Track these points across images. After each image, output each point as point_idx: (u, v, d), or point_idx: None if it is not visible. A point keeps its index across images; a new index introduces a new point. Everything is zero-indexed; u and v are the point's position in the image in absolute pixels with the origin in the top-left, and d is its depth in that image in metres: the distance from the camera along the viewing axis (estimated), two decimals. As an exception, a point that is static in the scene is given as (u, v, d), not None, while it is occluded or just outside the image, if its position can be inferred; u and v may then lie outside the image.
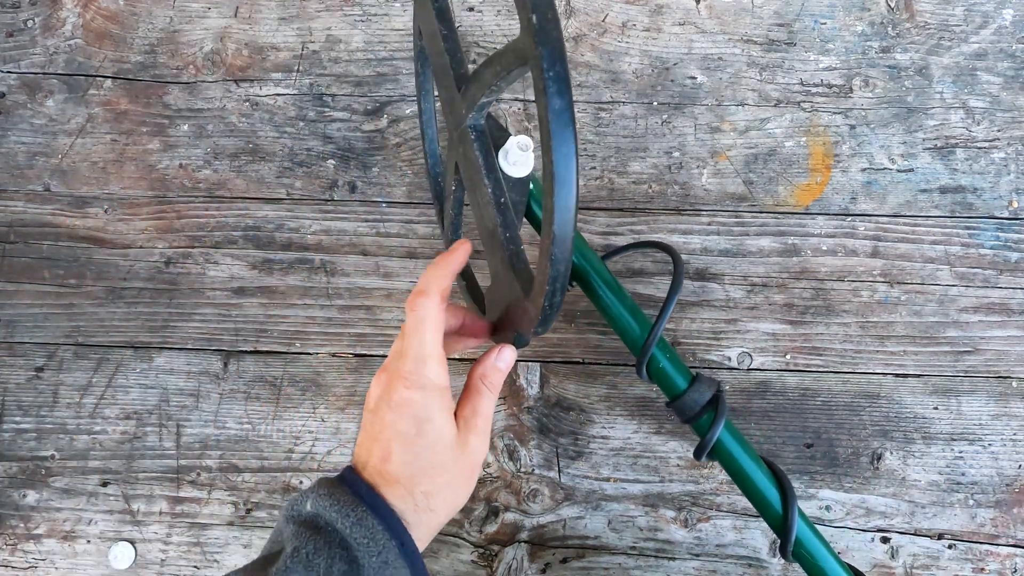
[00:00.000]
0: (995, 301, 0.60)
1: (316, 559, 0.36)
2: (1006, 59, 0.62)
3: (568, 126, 0.29)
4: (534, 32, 0.29)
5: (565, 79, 0.29)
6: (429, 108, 0.52)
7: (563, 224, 0.30)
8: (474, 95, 0.38)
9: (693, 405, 0.46)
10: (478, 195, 0.41)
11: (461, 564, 0.59)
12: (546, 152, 0.29)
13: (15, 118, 0.65)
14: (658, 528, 0.58)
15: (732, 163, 0.62)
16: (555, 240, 0.30)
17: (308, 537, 0.36)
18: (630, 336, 0.47)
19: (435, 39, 0.43)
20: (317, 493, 0.38)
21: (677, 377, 0.47)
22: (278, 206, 0.63)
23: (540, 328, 0.36)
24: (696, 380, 0.46)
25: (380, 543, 0.36)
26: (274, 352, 0.62)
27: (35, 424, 0.62)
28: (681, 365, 0.47)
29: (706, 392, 0.46)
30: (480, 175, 0.40)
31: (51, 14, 0.66)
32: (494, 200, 0.39)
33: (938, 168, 0.61)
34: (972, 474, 0.58)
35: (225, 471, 0.60)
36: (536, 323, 0.35)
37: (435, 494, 0.39)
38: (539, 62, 0.29)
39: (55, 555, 0.60)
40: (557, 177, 0.29)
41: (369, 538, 0.36)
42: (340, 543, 0.36)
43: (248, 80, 0.65)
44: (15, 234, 0.64)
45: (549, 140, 0.29)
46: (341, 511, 0.37)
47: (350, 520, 0.36)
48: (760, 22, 0.64)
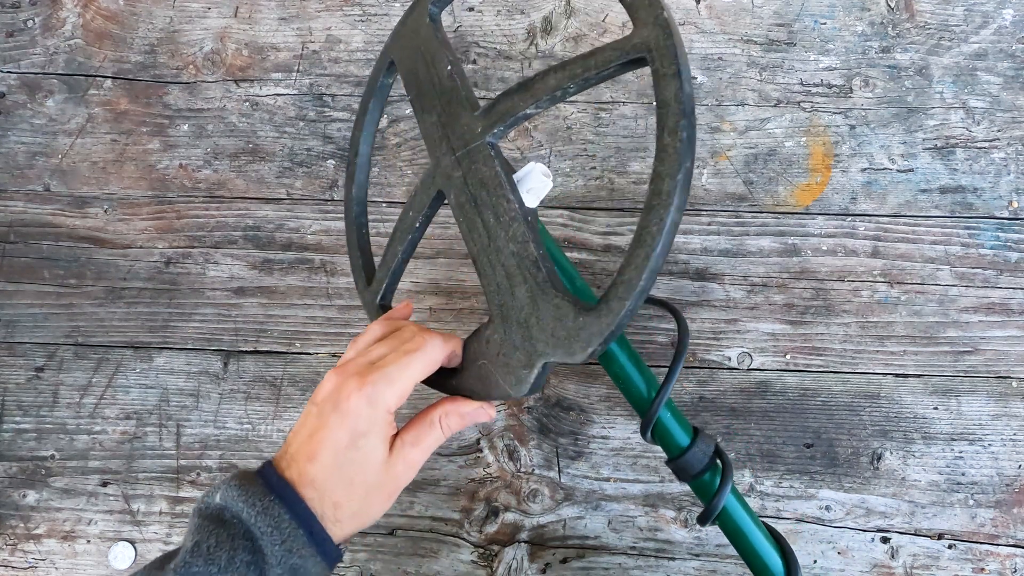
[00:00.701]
0: (995, 301, 0.60)
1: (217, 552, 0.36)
2: (1006, 59, 0.62)
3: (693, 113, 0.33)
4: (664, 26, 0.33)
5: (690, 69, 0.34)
6: (367, 151, 0.50)
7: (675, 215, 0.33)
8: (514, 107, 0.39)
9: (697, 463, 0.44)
10: (489, 216, 0.39)
11: (461, 564, 0.59)
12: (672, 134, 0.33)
13: (15, 118, 0.65)
14: (658, 528, 0.58)
15: (732, 163, 0.62)
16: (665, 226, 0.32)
17: (211, 531, 0.36)
18: (635, 396, 0.45)
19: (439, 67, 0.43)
20: (228, 484, 0.38)
21: (680, 434, 0.45)
22: (278, 206, 0.63)
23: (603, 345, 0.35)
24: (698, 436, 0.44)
25: (285, 531, 0.36)
26: (274, 352, 0.62)
27: (35, 424, 0.62)
28: (684, 420, 0.45)
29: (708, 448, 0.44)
30: (501, 191, 0.39)
31: (51, 14, 0.66)
32: (522, 215, 0.39)
33: (938, 168, 0.61)
34: (972, 474, 0.58)
35: (225, 471, 0.60)
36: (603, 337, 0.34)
37: (344, 507, 0.39)
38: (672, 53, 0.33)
39: (55, 555, 0.60)
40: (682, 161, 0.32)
41: (274, 527, 0.36)
42: (244, 534, 0.36)
43: (248, 80, 0.65)
44: (15, 234, 0.64)
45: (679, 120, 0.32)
46: (248, 501, 0.37)
47: (256, 510, 0.37)
48: (760, 22, 0.64)
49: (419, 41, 0.44)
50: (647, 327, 0.60)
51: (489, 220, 0.39)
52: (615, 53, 0.35)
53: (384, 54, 0.48)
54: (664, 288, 0.61)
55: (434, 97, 0.43)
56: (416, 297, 0.62)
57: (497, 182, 0.39)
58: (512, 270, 0.39)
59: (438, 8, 0.45)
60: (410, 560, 0.59)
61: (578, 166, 0.62)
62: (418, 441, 0.41)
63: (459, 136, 0.41)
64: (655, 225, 0.33)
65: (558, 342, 0.37)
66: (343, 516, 0.39)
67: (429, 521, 0.59)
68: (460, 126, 0.41)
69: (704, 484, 0.45)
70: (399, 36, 0.46)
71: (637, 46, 0.34)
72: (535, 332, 0.38)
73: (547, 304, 0.37)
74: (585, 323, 0.35)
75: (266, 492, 0.37)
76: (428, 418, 0.42)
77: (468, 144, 0.40)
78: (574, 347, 0.36)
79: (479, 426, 0.59)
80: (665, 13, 0.34)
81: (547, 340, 0.37)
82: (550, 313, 0.37)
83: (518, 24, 0.64)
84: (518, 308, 0.39)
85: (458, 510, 0.59)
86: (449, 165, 0.42)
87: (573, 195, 0.62)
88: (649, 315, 0.61)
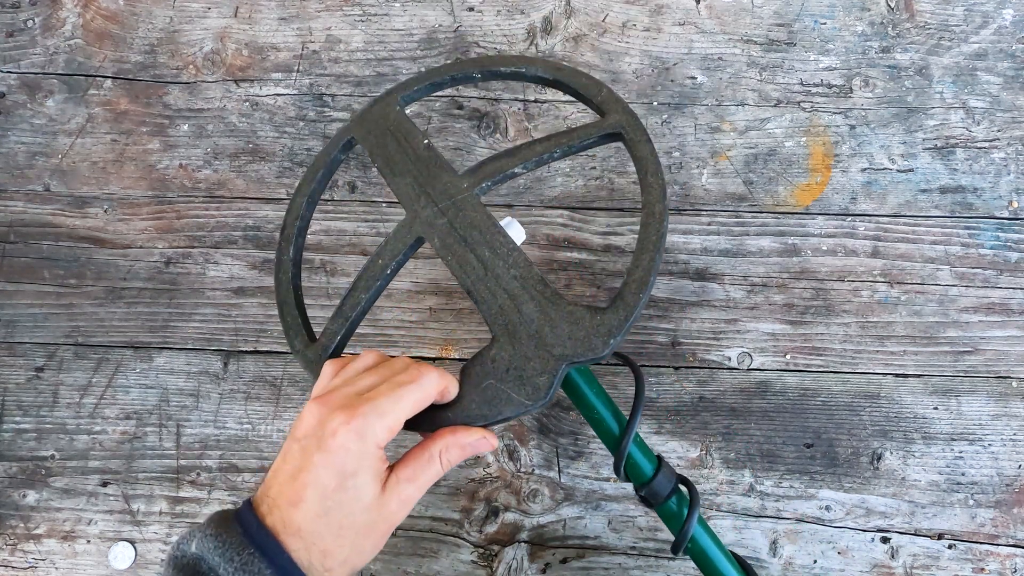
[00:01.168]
0: (995, 301, 0.60)
1: None
2: (1006, 59, 0.62)
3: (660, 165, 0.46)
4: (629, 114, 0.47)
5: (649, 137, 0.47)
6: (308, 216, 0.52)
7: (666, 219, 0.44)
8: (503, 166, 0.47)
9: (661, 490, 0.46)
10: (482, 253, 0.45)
11: (461, 564, 0.59)
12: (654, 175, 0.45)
13: (15, 118, 0.65)
14: (658, 528, 0.58)
15: (732, 163, 0.62)
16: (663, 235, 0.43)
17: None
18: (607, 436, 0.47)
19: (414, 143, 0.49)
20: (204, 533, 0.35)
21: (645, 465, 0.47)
22: (278, 206, 0.63)
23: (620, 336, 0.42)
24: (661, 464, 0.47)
25: None
26: (274, 352, 0.62)
27: (35, 424, 0.62)
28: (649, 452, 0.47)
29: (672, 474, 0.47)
30: (496, 230, 0.46)
31: (51, 14, 0.66)
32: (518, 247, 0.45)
33: (938, 168, 0.61)
34: (972, 474, 0.58)
35: (225, 471, 0.60)
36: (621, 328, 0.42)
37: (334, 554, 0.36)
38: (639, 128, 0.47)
39: (55, 555, 0.60)
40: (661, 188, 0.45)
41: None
42: None
43: (248, 80, 0.65)
44: (15, 234, 0.64)
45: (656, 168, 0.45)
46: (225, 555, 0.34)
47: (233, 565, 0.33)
48: (760, 22, 0.64)
49: (388, 123, 0.50)
50: (647, 327, 0.60)
51: (484, 254, 0.45)
52: (594, 130, 0.47)
53: (342, 133, 0.52)
54: (664, 288, 0.61)
55: (407, 163, 0.49)
56: (416, 297, 0.62)
57: (489, 223, 0.46)
58: (516, 291, 0.44)
59: (404, 102, 0.52)
60: (410, 560, 0.59)
61: (578, 166, 0.62)
62: (415, 477, 0.38)
63: (441, 192, 0.47)
64: (654, 235, 0.43)
65: (577, 343, 0.42)
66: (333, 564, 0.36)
67: (429, 521, 0.59)
68: (442, 184, 0.47)
69: (671, 512, 0.47)
70: (363, 120, 0.51)
71: (613, 125, 0.47)
72: (550, 339, 0.43)
73: (560, 313, 0.43)
74: (603, 320, 0.42)
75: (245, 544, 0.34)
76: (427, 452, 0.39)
77: (453, 197, 0.47)
78: (595, 342, 0.42)
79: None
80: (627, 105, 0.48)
81: (564, 343, 0.42)
82: (564, 320, 0.43)
83: (518, 24, 0.64)
84: (527, 322, 0.43)
85: (458, 510, 0.59)
86: (431, 215, 0.47)
87: (573, 195, 0.62)
88: (650, 315, 0.61)
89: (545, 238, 0.62)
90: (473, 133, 0.63)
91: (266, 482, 0.37)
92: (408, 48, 0.65)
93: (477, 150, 0.63)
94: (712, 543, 0.48)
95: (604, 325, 0.42)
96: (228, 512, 0.36)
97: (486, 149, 0.63)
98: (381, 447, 0.37)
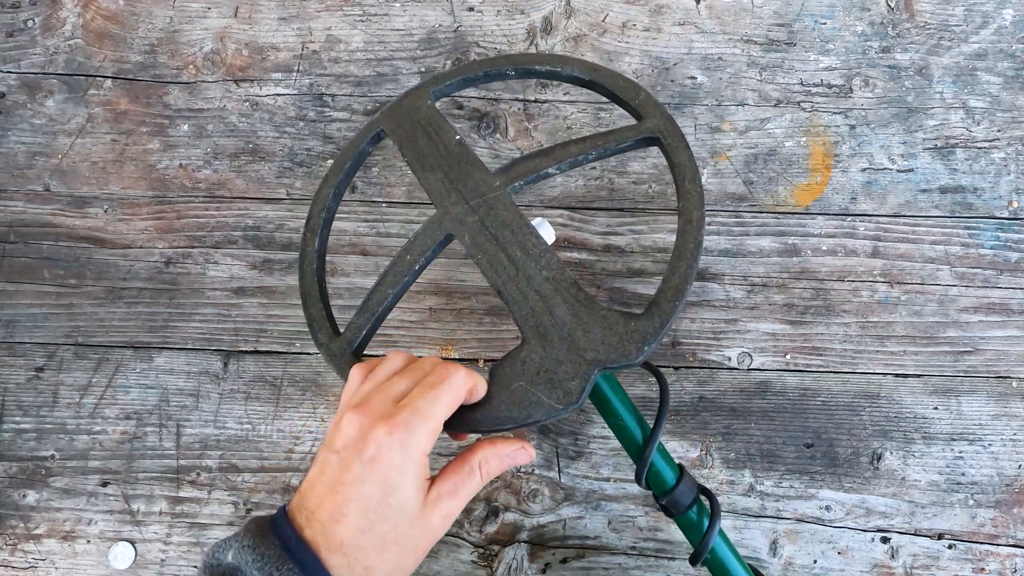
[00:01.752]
0: (995, 301, 0.60)
1: None
2: (1006, 59, 0.62)
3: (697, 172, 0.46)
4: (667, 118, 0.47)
5: None
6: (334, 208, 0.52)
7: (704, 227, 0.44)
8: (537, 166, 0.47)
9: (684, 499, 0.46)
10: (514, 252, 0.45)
11: (461, 564, 0.59)
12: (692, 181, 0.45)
13: (15, 118, 0.65)
14: (658, 528, 0.58)
15: (732, 163, 0.62)
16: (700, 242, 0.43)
17: None
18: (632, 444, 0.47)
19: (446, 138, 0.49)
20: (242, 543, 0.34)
21: (668, 473, 0.47)
22: (278, 206, 0.63)
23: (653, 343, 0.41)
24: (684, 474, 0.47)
25: None
26: (274, 352, 0.62)
27: (35, 424, 0.62)
28: (671, 461, 0.47)
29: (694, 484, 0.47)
30: (528, 230, 0.45)
31: (51, 14, 0.66)
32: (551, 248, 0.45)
33: (938, 168, 0.61)
34: (972, 474, 0.58)
35: (225, 471, 0.60)
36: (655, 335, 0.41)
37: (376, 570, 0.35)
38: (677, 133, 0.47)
39: (55, 555, 0.60)
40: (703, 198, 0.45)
41: None
42: None
43: (248, 80, 0.65)
44: (15, 234, 0.64)
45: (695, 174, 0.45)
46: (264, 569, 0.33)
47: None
48: (760, 22, 0.64)
49: (419, 117, 0.50)
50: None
51: (515, 254, 0.45)
52: (632, 133, 0.47)
53: (371, 126, 0.51)
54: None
55: (438, 159, 0.48)
56: (416, 297, 0.62)
57: (521, 223, 0.45)
58: (548, 293, 0.43)
59: (436, 97, 0.51)
60: (410, 560, 0.59)
61: (578, 166, 0.63)
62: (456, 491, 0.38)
63: (472, 189, 0.47)
64: (692, 243, 0.43)
65: (610, 348, 0.41)
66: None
67: (429, 521, 0.59)
68: (473, 181, 0.47)
69: (691, 522, 0.47)
70: (394, 113, 0.51)
71: (651, 130, 0.47)
72: (582, 343, 0.42)
73: (593, 317, 0.42)
74: (638, 327, 0.42)
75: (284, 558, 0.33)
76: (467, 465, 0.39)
77: (485, 194, 0.46)
78: (629, 348, 0.41)
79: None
80: (665, 109, 0.47)
81: (597, 348, 0.42)
82: (598, 324, 0.42)
83: (518, 24, 0.64)
84: (559, 325, 0.43)
85: (458, 510, 0.59)
86: (462, 212, 0.46)
87: (573, 195, 0.62)
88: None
89: (545, 238, 0.62)
90: (473, 133, 0.63)
91: (301, 492, 0.36)
92: (408, 48, 0.65)
93: (477, 150, 0.63)
94: (732, 556, 0.47)
95: (639, 331, 0.41)
96: (263, 521, 0.35)
97: (486, 149, 0.63)
98: (425, 455, 0.36)
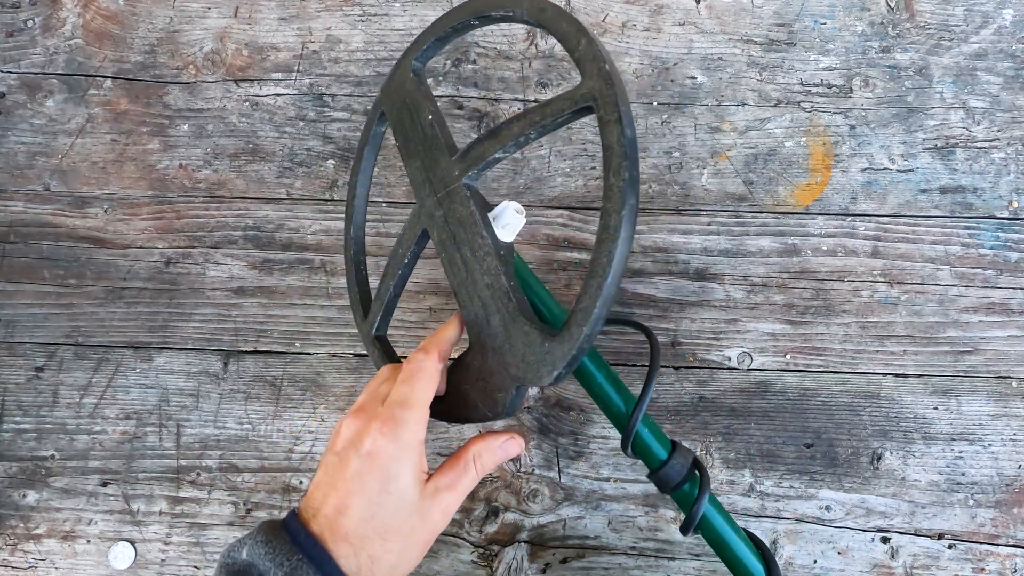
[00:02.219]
0: (995, 301, 0.60)
1: None
2: (1006, 59, 0.62)
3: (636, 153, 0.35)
4: (606, 77, 0.36)
5: (632, 115, 0.35)
6: (364, 193, 0.52)
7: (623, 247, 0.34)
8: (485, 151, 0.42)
9: (675, 475, 0.45)
10: (466, 252, 0.42)
11: (461, 564, 0.59)
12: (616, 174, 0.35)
13: (15, 118, 0.65)
14: (658, 528, 0.58)
15: (732, 163, 0.62)
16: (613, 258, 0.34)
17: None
18: (614, 412, 0.46)
19: (422, 117, 0.46)
20: (255, 540, 0.36)
21: (657, 448, 0.46)
22: (278, 206, 0.63)
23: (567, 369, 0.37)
24: (676, 448, 0.46)
25: None
26: (274, 352, 0.62)
27: (35, 424, 0.62)
28: (661, 435, 0.47)
29: (687, 460, 0.46)
30: (475, 229, 0.42)
31: (51, 14, 0.66)
32: (495, 250, 0.41)
33: (938, 168, 0.61)
34: (972, 474, 0.58)
35: (225, 471, 0.60)
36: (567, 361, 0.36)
37: (381, 560, 0.37)
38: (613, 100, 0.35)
39: (55, 555, 0.60)
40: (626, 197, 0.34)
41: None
42: None
43: (248, 80, 0.65)
44: (15, 234, 0.64)
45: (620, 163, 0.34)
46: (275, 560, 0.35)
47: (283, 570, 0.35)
48: (760, 22, 0.64)
49: (404, 94, 0.47)
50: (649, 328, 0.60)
51: (467, 255, 0.42)
52: (566, 103, 0.38)
53: (376, 106, 0.50)
54: (664, 288, 0.61)
55: (418, 144, 0.46)
56: (416, 297, 0.62)
57: (472, 220, 0.42)
58: (487, 301, 0.41)
59: (421, 63, 0.48)
60: (410, 560, 0.59)
61: (578, 166, 0.62)
62: (453, 485, 0.40)
63: (439, 179, 0.44)
64: (605, 257, 0.34)
65: (528, 367, 0.39)
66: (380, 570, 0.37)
67: (429, 521, 0.59)
68: (440, 170, 0.44)
69: (684, 495, 0.46)
70: (387, 89, 0.49)
71: (584, 96, 0.37)
72: (508, 358, 0.40)
73: (518, 331, 0.39)
74: (551, 348, 0.37)
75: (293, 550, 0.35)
76: (461, 460, 0.40)
77: (448, 186, 0.43)
78: (542, 371, 0.38)
79: (482, 426, 0.59)
80: (607, 66, 0.36)
81: (519, 365, 0.39)
82: (521, 340, 0.39)
83: (518, 26, 0.64)
84: (493, 336, 0.41)
85: (458, 510, 0.59)
86: (432, 205, 0.44)
87: (573, 195, 0.62)
88: (650, 315, 0.60)
89: (545, 238, 0.62)
90: (473, 133, 0.63)
91: (309, 493, 0.39)
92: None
93: (477, 150, 0.63)
94: (726, 523, 0.46)
95: (551, 355, 0.37)
96: (275, 521, 0.38)
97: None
98: (419, 442, 0.38)
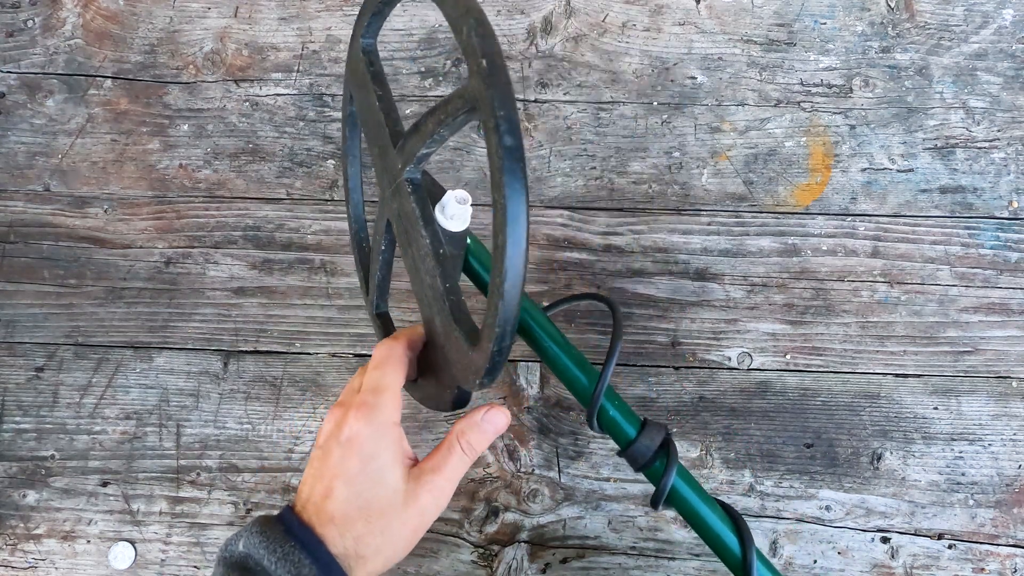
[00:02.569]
0: (995, 301, 0.60)
1: None
2: (1006, 59, 0.62)
3: (519, 163, 0.29)
4: (484, 76, 0.30)
5: (515, 120, 0.30)
6: (356, 173, 0.51)
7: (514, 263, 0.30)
8: (414, 146, 0.38)
9: (645, 451, 0.45)
10: (414, 250, 0.40)
11: (461, 564, 0.59)
12: (497, 189, 0.30)
13: (15, 118, 0.65)
14: (658, 528, 0.58)
15: (732, 163, 0.62)
16: (506, 278, 0.30)
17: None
18: (578, 388, 0.46)
19: (369, 100, 0.43)
20: (250, 531, 0.38)
21: (626, 425, 0.46)
22: (278, 206, 0.63)
23: (487, 379, 0.35)
24: (645, 426, 0.45)
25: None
26: (274, 352, 0.62)
27: (35, 424, 0.62)
28: (630, 413, 0.46)
29: (656, 437, 0.45)
30: (417, 227, 0.39)
31: (51, 14, 0.66)
32: (432, 251, 0.38)
33: (938, 168, 0.61)
34: (972, 474, 0.58)
35: (225, 471, 0.60)
36: (483, 373, 0.34)
37: (367, 540, 0.38)
38: (490, 104, 0.30)
39: (55, 555, 0.60)
40: (509, 214, 0.29)
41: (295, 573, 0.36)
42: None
43: (248, 80, 0.65)
44: (15, 234, 0.64)
45: (500, 177, 0.29)
46: (269, 548, 0.36)
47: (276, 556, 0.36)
48: (760, 22, 0.64)
49: (357, 76, 0.44)
50: (647, 327, 0.60)
51: (415, 252, 0.40)
52: (460, 103, 0.33)
53: (345, 87, 0.48)
54: (664, 288, 0.61)
55: (372, 128, 0.43)
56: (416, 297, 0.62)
57: (413, 217, 0.39)
58: (431, 300, 0.39)
59: (371, 39, 0.44)
60: (410, 560, 0.59)
61: (578, 166, 0.62)
62: (439, 466, 0.40)
63: (389, 171, 0.41)
64: (499, 278, 0.31)
65: (459, 370, 0.38)
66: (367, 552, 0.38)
67: (429, 521, 0.59)
68: (389, 161, 0.41)
69: (656, 472, 0.46)
70: (347, 68, 0.46)
71: (468, 98, 0.32)
72: (449, 356, 0.39)
73: (452, 334, 0.38)
74: (472, 359, 0.36)
75: (286, 538, 0.37)
76: (446, 442, 0.41)
77: (395, 180, 0.40)
78: (468, 377, 0.36)
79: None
80: (485, 61, 0.30)
81: (454, 367, 0.39)
82: (453, 344, 0.38)
83: (518, 24, 0.64)
84: (437, 334, 0.40)
85: (458, 510, 0.59)
86: (388, 197, 0.41)
87: (573, 195, 0.62)
88: (650, 315, 0.61)
89: (545, 238, 0.62)
90: (473, 133, 0.63)
91: (299, 487, 0.40)
92: (408, 48, 0.65)
93: (477, 150, 0.63)
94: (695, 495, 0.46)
95: (474, 363, 0.36)
96: (270, 515, 0.39)
97: (486, 149, 0.63)
98: (394, 423, 0.39)
